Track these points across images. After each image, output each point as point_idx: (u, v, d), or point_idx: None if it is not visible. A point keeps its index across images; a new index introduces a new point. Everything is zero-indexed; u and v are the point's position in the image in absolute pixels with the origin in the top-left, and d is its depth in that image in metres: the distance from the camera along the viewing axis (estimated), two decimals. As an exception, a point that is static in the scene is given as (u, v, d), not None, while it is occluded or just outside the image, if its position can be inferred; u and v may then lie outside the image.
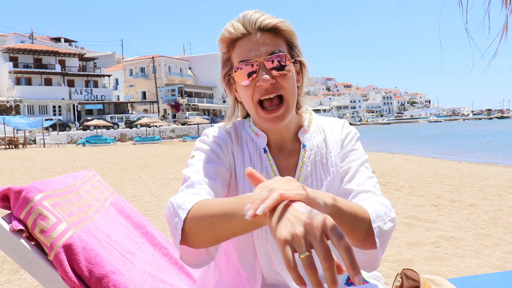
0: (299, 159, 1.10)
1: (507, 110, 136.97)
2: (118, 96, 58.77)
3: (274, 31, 1.03)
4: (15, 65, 45.35)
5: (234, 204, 0.79)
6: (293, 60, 1.04)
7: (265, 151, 1.11)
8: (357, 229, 0.88)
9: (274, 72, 1.00)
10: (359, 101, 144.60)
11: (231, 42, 1.05)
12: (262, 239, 1.05)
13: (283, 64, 1.01)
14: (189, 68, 63.48)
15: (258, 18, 1.02)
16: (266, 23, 1.01)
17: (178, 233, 0.85)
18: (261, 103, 1.03)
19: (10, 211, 0.98)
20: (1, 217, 0.96)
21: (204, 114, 57.93)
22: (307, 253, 0.62)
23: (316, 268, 0.62)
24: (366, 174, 1.07)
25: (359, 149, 1.13)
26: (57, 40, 74.36)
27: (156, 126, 39.44)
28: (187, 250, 0.88)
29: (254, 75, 1.01)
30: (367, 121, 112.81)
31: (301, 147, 1.11)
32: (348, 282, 1.08)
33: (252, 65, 1.00)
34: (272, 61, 1.00)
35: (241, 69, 1.01)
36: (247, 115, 1.20)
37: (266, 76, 0.99)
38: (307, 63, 1.11)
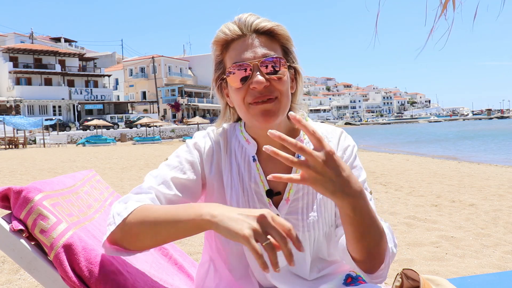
0: (292, 170, 1.06)
1: (507, 110, 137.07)
2: (118, 96, 58.76)
3: (269, 34, 1.01)
4: (15, 65, 45.32)
5: (180, 210, 0.85)
6: (287, 65, 1.02)
7: (254, 160, 1.08)
8: (371, 240, 0.92)
9: (269, 75, 0.97)
10: (359, 101, 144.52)
11: (225, 44, 1.02)
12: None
13: (277, 68, 0.98)
14: (189, 68, 63.46)
15: (254, 20, 1.00)
16: (262, 26, 0.99)
17: (106, 234, 0.91)
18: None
19: (10, 211, 0.98)
20: (1, 217, 0.96)
21: (204, 114, 57.92)
22: (268, 240, 0.73)
23: (275, 251, 0.73)
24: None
25: (358, 166, 1.10)
26: (57, 40, 74.32)
27: (156, 126, 39.43)
28: (111, 248, 0.92)
29: (248, 78, 0.97)
30: (367, 121, 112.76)
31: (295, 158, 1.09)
32: (347, 282, 1.08)
33: (246, 68, 0.97)
34: (267, 65, 0.97)
35: (234, 71, 0.98)
36: (238, 119, 1.17)
37: (261, 78, 0.95)
38: (302, 70, 1.08)
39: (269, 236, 0.74)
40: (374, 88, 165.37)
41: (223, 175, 1.09)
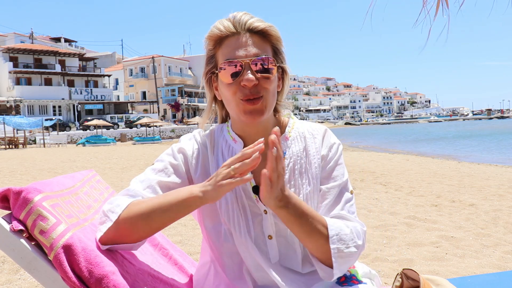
0: None
1: (507, 110, 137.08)
2: (118, 96, 58.74)
3: (262, 34, 1.06)
4: (15, 65, 45.31)
5: (171, 196, 0.98)
6: (277, 65, 1.07)
7: None
8: (313, 241, 0.99)
9: (258, 74, 1.02)
10: (359, 101, 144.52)
11: (219, 40, 1.07)
12: (242, 245, 1.07)
13: (267, 67, 1.03)
14: (189, 68, 63.44)
15: (248, 20, 1.05)
16: (256, 26, 1.04)
17: (101, 231, 0.98)
18: None
19: (10, 212, 0.98)
20: (1, 217, 0.96)
21: (204, 114, 57.82)
22: (233, 167, 0.91)
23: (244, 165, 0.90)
24: (344, 198, 1.09)
25: (342, 164, 1.14)
26: (57, 40, 74.29)
27: (156, 126, 39.44)
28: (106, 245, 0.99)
29: (239, 74, 1.02)
30: (367, 121, 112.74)
31: None
32: (340, 281, 1.08)
33: (237, 65, 1.02)
34: (257, 64, 1.02)
35: (225, 68, 1.03)
36: (225, 119, 1.21)
37: (251, 76, 1.00)
38: (289, 70, 1.13)
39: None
40: (374, 88, 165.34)
41: (210, 174, 1.12)
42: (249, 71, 1.01)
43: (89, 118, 43.41)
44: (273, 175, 0.90)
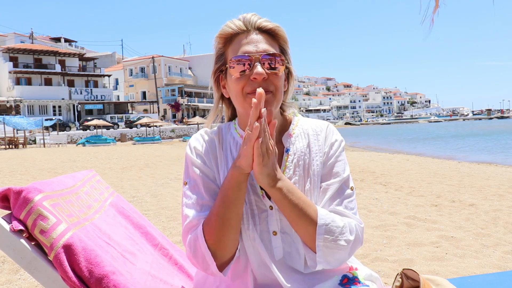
0: (282, 163, 1.12)
1: (507, 110, 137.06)
2: (118, 96, 58.74)
3: (270, 33, 1.10)
4: (15, 65, 45.31)
5: (220, 192, 1.03)
6: (285, 62, 1.09)
7: None
8: (303, 227, 1.02)
9: (268, 69, 1.04)
10: (359, 101, 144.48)
11: (230, 37, 1.10)
12: (250, 239, 1.07)
13: (276, 63, 1.06)
14: (189, 68, 63.44)
15: (257, 20, 1.09)
16: (264, 25, 1.09)
17: (210, 262, 1.01)
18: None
19: (10, 212, 0.98)
20: (1, 217, 0.96)
21: (204, 114, 57.89)
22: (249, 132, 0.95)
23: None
24: (343, 194, 1.10)
25: (343, 160, 1.15)
26: (57, 40, 74.27)
27: (156, 126, 39.44)
28: (224, 272, 1.04)
29: (249, 69, 1.04)
30: (367, 121, 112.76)
31: (284, 151, 1.13)
32: (342, 282, 1.08)
33: (247, 60, 1.04)
34: (267, 58, 1.05)
35: (236, 62, 1.05)
36: (231, 118, 1.22)
37: (261, 70, 1.03)
38: (295, 72, 1.16)
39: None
40: (374, 88, 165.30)
41: (219, 170, 1.13)
42: (259, 65, 1.03)
43: (89, 118, 43.40)
44: (262, 146, 0.94)
